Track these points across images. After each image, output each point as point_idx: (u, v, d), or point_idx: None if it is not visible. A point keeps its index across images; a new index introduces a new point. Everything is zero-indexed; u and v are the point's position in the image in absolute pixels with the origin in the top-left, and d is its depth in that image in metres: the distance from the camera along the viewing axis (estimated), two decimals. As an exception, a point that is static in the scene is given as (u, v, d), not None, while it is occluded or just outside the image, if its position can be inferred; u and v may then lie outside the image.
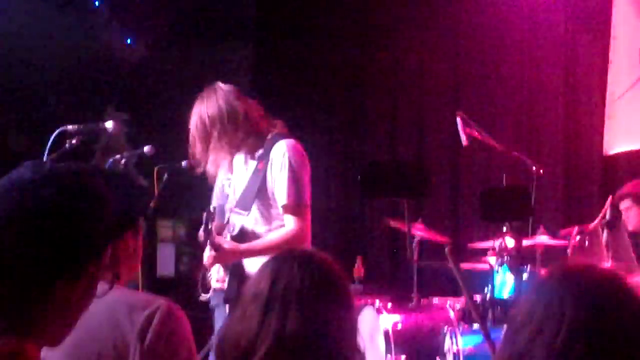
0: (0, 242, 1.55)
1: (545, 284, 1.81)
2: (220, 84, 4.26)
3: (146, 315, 2.26)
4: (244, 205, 4.15)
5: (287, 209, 4.08)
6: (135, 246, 2.45)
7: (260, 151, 4.18)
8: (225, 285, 4.11)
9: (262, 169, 4.12)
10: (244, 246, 4.08)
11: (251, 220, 4.16)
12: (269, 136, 4.19)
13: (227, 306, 4.06)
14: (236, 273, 4.07)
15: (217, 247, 3.99)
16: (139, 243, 2.47)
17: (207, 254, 4.05)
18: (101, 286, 1.71)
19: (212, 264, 4.13)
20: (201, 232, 4.01)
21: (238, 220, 4.18)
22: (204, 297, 4.26)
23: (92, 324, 2.23)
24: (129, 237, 2.42)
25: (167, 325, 2.27)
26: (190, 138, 4.24)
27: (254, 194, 4.12)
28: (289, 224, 4.07)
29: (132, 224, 1.85)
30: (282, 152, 4.10)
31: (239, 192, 4.22)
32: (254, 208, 4.14)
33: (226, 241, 4.09)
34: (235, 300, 2.25)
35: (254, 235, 4.14)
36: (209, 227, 3.92)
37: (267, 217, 4.16)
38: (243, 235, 4.13)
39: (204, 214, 3.95)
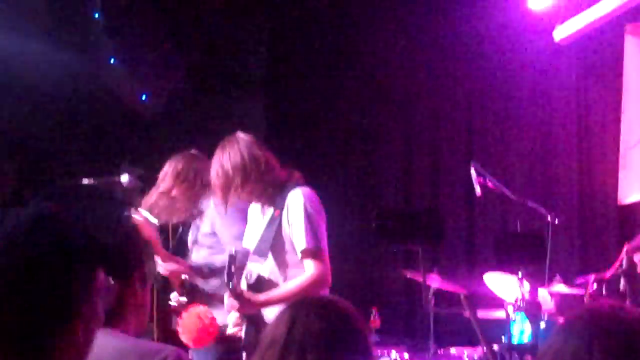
0: None
1: (572, 326, 1.78)
2: (241, 134, 4.27)
3: None
4: (260, 252, 4.14)
5: (306, 253, 4.06)
6: (143, 297, 2.47)
7: (277, 199, 4.18)
8: (243, 333, 4.08)
9: (278, 217, 4.12)
10: (262, 298, 4.04)
11: (267, 268, 4.15)
12: (287, 185, 4.20)
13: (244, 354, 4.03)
14: (253, 320, 4.04)
15: (237, 294, 3.96)
16: (148, 294, 2.50)
17: (227, 301, 4.01)
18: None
19: (232, 312, 4.09)
20: (224, 277, 3.98)
21: (255, 268, 4.16)
22: None
23: (102, 373, 2.25)
24: (136, 287, 2.44)
25: None
26: (212, 187, 4.24)
27: (270, 241, 4.11)
28: (310, 268, 4.05)
29: (106, 255, 1.85)
30: (298, 199, 4.11)
31: (256, 240, 4.22)
32: (271, 256, 4.13)
33: (246, 292, 4.06)
34: (253, 347, 2.24)
35: (271, 283, 4.12)
36: (232, 271, 3.90)
37: (284, 265, 4.15)
38: (260, 284, 4.11)
39: (227, 259, 3.93)
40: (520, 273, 5.70)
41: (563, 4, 7.15)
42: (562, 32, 7.40)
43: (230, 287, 3.92)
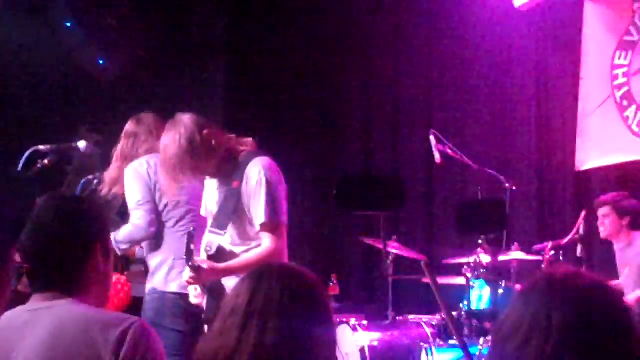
0: None
1: (531, 291, 1.79)
2: (184, 116, 4.17)
3: (120, 331, 2.27)
4: (219, 224, 4.11)
5: (264, 227, 4.05)
6: (106, 268, 2.46)
7: (235, 171, 4.15)
8: (204, 305, 4.07)
9: (237, 188, 4.09)
10: (222, 265, 4.05)
11: (227, 239, 4.13)
12: (242, 155, 4.16)
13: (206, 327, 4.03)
14: (214, 292, 4.03)
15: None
16: (110, 265, 2.49)
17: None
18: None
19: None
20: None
21: (215, 240, 4.15)
22: None
23: (65, 342, 2.25)
24: (98, 257, 2.43)
25: (140, 341, 2.28)
26: (160, 170, 4.21)
27: (229, 213, 4.08)
28: (266, 242, 4.05)
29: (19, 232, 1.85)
30: (257, 170, 4.07)
31: (214, 212, 4.20)
32: (230, 227, 4.11)
33: (204, 261, 4.06)
34: (214, 320, 2.22)
35: (232, 255, 4.11)
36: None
37: (243, 237, 4.13)
38: (220, 255, 4.10)
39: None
40: (480, 240, 5.74)
41: (523, -30, 7.18)
42: (522, -2, 7.43)
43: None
